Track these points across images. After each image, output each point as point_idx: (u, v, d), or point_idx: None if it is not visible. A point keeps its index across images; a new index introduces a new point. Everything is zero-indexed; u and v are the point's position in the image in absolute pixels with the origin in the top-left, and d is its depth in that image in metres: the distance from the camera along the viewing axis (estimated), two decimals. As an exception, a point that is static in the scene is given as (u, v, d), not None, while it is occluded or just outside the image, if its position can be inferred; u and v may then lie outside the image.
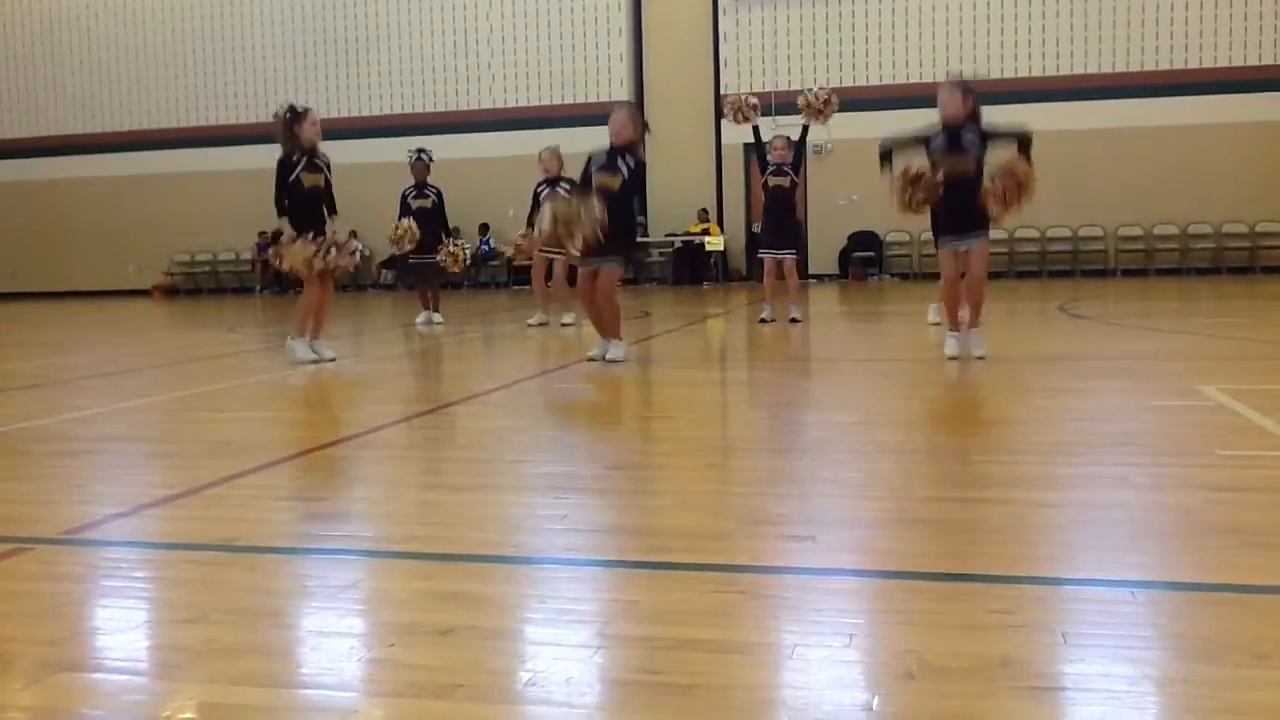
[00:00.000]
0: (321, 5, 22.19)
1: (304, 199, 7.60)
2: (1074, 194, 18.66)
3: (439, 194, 12.11)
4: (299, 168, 7.57)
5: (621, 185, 7.18)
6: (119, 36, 23.28)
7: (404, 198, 12.01)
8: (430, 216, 11.81)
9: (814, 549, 2.83)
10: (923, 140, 6.93)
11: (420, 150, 12.09)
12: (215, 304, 19.25)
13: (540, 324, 10.77)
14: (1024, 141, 6.79)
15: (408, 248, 11.53)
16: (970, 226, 6.83)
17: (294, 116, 7.61)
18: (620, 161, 7.20)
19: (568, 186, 10.14)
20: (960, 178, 6.76)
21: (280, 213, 7.60)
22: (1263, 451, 3.93)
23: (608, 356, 7.21)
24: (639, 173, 7.35)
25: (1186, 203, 18.52)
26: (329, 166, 7.77)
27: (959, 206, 6.79)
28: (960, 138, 6.79)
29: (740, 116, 9.88)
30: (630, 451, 4.53)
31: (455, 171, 17.10)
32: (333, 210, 7.77)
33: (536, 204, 10.75)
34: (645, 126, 7.54)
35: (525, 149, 20.20)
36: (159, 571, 2.87)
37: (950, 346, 7.01)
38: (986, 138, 6.85)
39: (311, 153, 7.65)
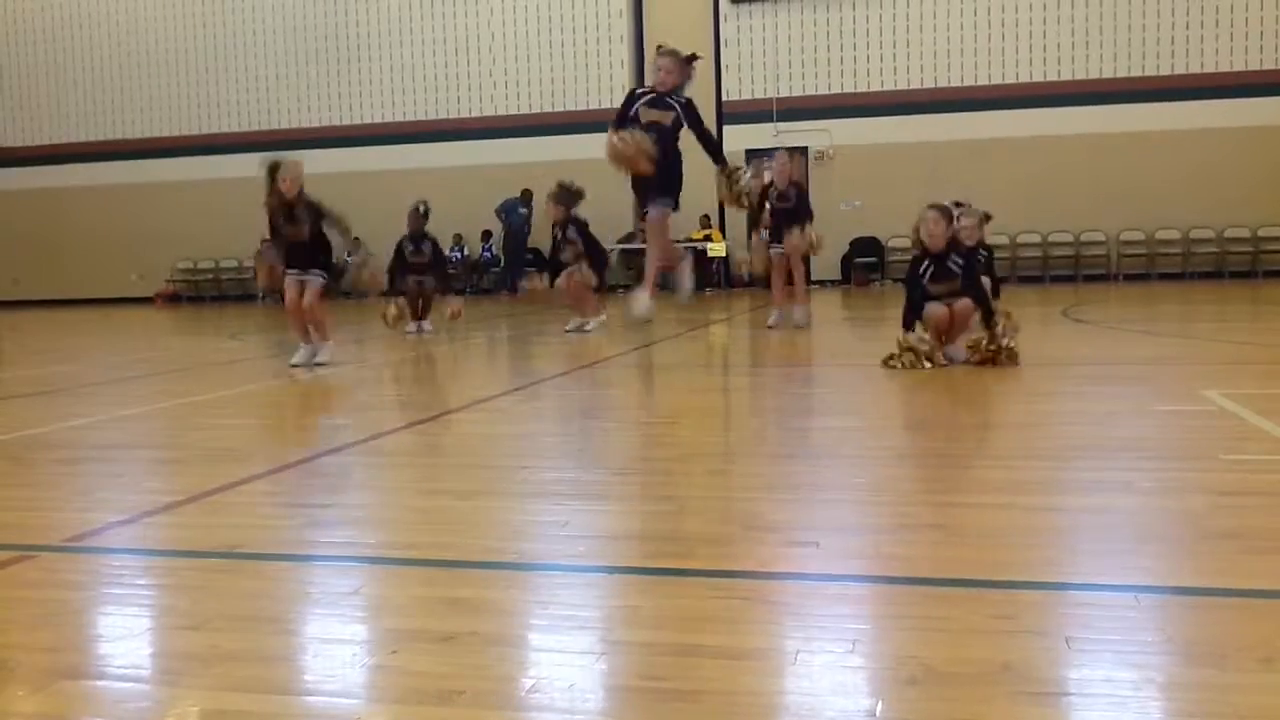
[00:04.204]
0: (320, 13, 22.24)
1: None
2: (1076, 199, 18.68)
3: (435, 246, 11.49)
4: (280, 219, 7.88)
5: (674, 121, 7.01)
6: (121, 46, 23.33)
7: (400, 251, 11.34)
8: (424, 271, 11.31)
9: (817, 554, 2.82)
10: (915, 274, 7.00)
11: (422, 202, 11.45)
12: (217, 311, 19.26)
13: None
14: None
15: (406, 328, 11.05)
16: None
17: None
18: (671, 98, 7.04)
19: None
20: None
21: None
22: (1266, 456, 3.93)
23: (638, 310, 7.21)
24: (690, 107, 7.12)
25: (1188, 207, 18.52)
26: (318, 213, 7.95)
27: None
28: (945, 262, 6.86)
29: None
30: (632, 457, 4.52)
31: (456, 179, 17.11)
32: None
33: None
34: (690, 68, 7.31)
35: (526, 156, 20.28)
36: (161, 578, 2.87)
37: None
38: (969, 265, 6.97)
39: (291, 205, 7.77)
